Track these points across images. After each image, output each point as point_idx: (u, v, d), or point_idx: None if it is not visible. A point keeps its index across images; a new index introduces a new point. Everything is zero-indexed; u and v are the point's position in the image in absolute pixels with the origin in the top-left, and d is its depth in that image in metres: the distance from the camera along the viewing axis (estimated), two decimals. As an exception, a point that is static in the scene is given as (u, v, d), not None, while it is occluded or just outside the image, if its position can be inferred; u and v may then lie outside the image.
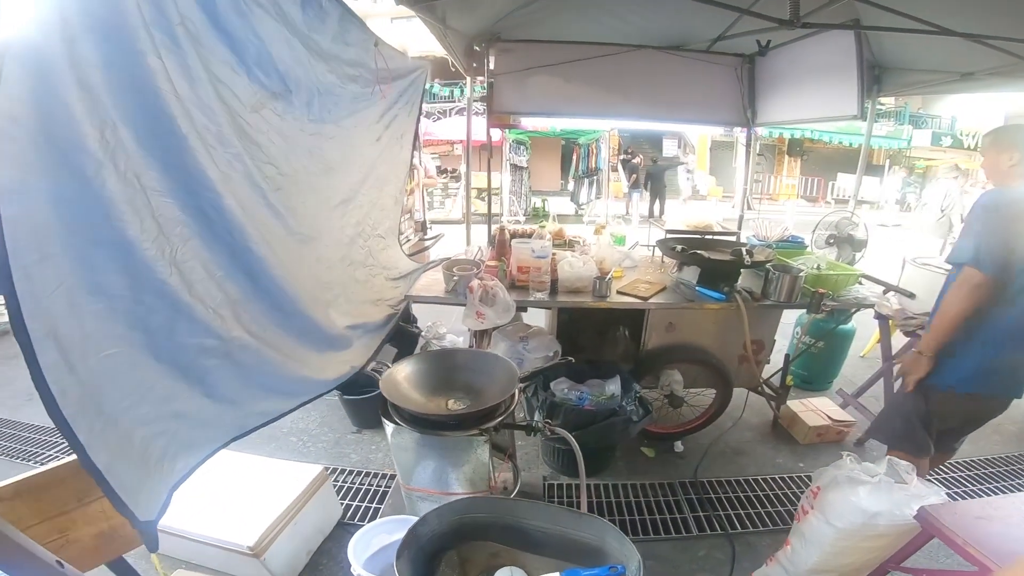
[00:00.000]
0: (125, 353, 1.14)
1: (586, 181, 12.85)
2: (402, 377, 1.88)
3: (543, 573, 1.18)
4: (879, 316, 3.18)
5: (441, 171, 12.62)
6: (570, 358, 2.14)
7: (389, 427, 1.80)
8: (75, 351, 1.03)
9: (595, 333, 2.96)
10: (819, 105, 3.34)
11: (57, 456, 2.92)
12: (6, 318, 3.35)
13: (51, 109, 0.92)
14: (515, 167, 11.85)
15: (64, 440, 2.85)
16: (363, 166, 2.17)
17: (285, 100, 1.62)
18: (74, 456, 1.48)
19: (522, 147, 11.87)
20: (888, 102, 15.05)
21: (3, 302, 3.36)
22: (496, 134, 8.66)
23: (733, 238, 3.54)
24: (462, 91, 11.52)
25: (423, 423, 1.75)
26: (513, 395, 1.84)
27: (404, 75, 2.48)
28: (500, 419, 1.75)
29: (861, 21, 2.84)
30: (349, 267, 2.10)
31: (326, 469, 2.32)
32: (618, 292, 2.69)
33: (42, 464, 2.80)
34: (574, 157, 13.13)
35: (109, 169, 1.04)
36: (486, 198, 4.81)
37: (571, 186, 13.67)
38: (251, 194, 1.52)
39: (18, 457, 2.93)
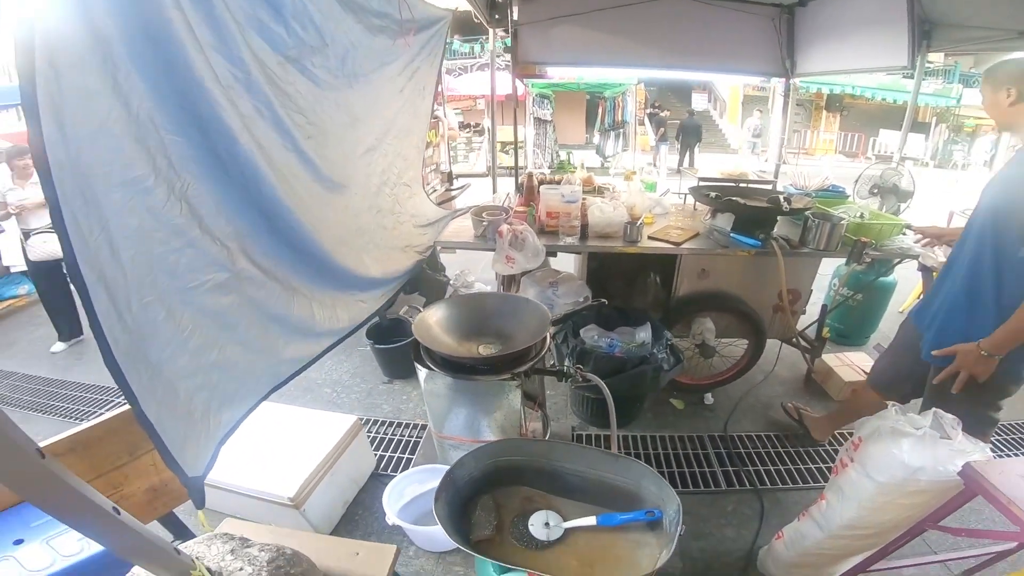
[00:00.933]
0: (159, 301, 1.14)
1: (612, 134, 12.63)
2: (434, 321, 1.86)
3: (577, 517, 1.18)
4: (923, 268, 3.03)
5: (464, 126, 12.53)
6: (603, 300, 2.09)
7: (422, 372, 1.79)
8: (120, 298, 1.04)
9: (624, 280, 2.90)
10: (866, 57, 3.15)
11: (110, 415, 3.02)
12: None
13: (69, 59, 0.93)
14: (539, 120, 11.66)
15: (119, 396, 2.93)
16: (387, 117, 2.15)
17: (322, 55, 1.60)
18: (126, 406, 1.51)
19: (546, 101, 11.67)
20: (937, 60, 14.25)
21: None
22: (519, 87, 8.45)
23: (768, 187, 3.40)
24: (482, 47, 11.25)
25: (455, 367, 1.74)
26: (544, 339, 1.81)
27: (428, 26, 2.42)
28: (532, 363, 1.73)
29: None
30: (377, 215, 2.09)
31: (360, 419, 2.34)
32: (649, 237, 2.63)
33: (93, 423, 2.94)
34: (600, 110, 12.92)
35: (121, 111, 1.03)
36: (511, 151, 4.73)
37: (596, 139, 13.46)
38: (279, 141, 1.51)
39: (72, 417, 3.02)
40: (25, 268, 4.65)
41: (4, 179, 3.79)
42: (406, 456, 2.58)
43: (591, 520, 1.14)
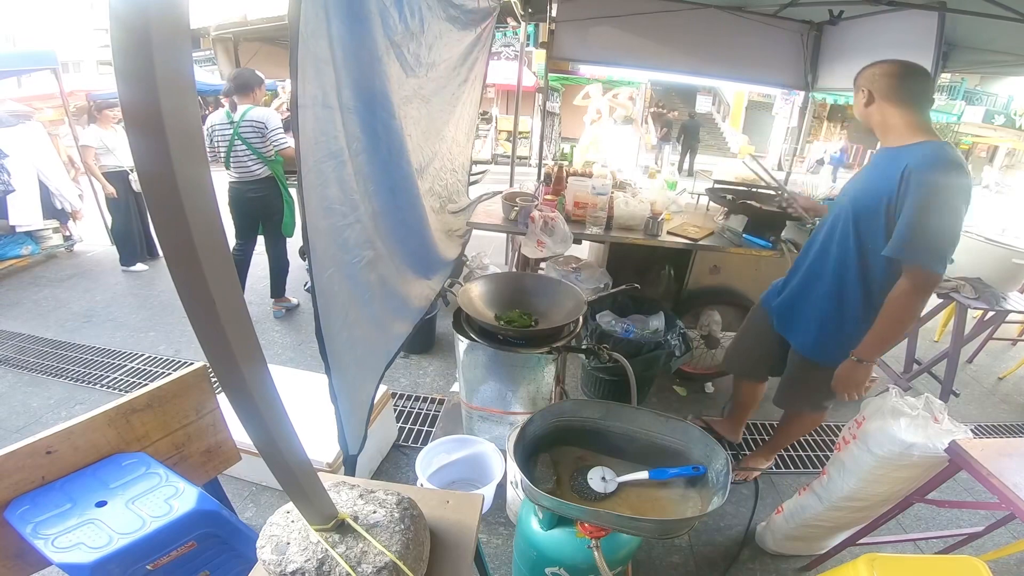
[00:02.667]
0: (336, 273, 1.16)
1: (617, 131, 12.76)
2: (476, 295, 1.98)
3: (626, 474, 1.31)
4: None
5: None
6: (636, 285, 2.23)
7: (462, 344, 1.90)
8: (321, 268, 1.08)
9: (639, 271, 3.05)
10: None
11: (120, 379, 3.01)
12: (54, 241, 3.55)
13: (314, 27, 0.97)
14: (547, 113, 11.74)
15: (130, 360, 2.94)
16: (455, 106, 2.18)
17: (416, 42, 1.59)
18: (198, 363, 1.50)
19: (555, 93, 11.79)
20: (944, 76, 14.50)
21: (51, 227, 3.53)
22: (530, 79, 8.50)
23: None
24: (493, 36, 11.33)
25: (494, 339, 1.85)
26: (578, 320, 1.94)
27: (485, 17, 2.47)
28: (567, 339, 1.85)
29: (947, 4, 2.75)
30: (432, 198, 2.14)
31: (388, 390, 2.40)
32: (668, 233, 2.79)
33: (106, 387, 2.90)
34: (607, 106, 13.03)
35: (334, 82, 1.07)
36: (521, 140, 4.84)
37: (599, 133, 13.58)
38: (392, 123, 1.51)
39: (83, 381, 2.98)
40: (31, 228, 4.66)
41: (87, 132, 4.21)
42: (425, 429, 2.68)
43: (643, 474, 1.27)
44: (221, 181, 3.34)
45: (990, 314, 3.16)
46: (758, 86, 5.85)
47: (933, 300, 3.34)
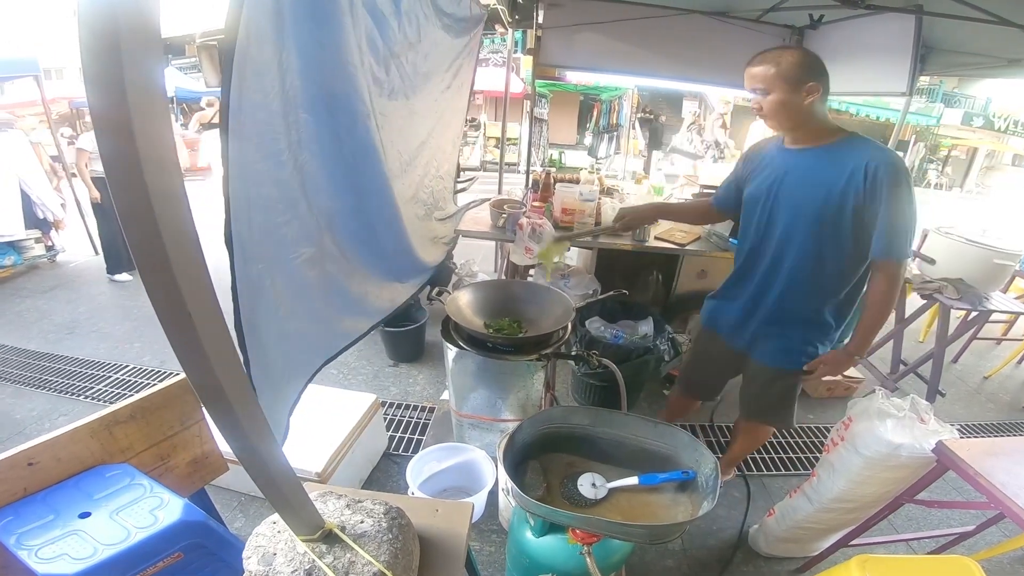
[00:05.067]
0: (267, 268, 1.16)
1: (606, 136, 12.83)
2: (464, 303, 1.98)
3: (616, 479, 1.31)
4: (928, 296, 3.27)
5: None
6: (624, 291, 2.24)
7: (451, 352, 1.89)
8: (247, 262, 1.07)
9: (627, 276, 3.07)
10: (867, 81, 3.35)
11: (104, 390, 2.96)
12: (37, 252, 3.48)
13: (259, 31, 0.97)
14: (535, 119, 11.79)
15: (113, 371, 2.89)
16: (437, 112, 2.18)
17: (414, 51, 1.60)
18: (183, 374, 1.45)
19: (543, 100, 11.80)
20: (923, 79, 14.70)
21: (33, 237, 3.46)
22: (518, 85, 8.55)
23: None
24: (481, 43, 11.36)
25: (483, 346, 1.84)
26: (567, 326, 1.94)
27: (474, 24, 2.47)
28: (556, 346, 1.86)
29: (924, 7, 2.78)
30: (415, 205, 2.14)
31: (378, 399, 2.39)
32: (656, 238, 2.80)
33: (90, 398, 2.85)
34: (594, 112, 13.09)
35: (279, 87, 1.07)
36: (509, 146, 4.85)
37: (587, 140, 13.65)
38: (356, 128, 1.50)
39: (68, 392, 2.93)
40: (13, 239, 4.60)
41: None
42: (416, 437, 2.66)
43: (633, 480, 1.27)
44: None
45: (973, 314, 3.21)
46: (743, 91, 5.88)
47: (917, 301, 3.38)
